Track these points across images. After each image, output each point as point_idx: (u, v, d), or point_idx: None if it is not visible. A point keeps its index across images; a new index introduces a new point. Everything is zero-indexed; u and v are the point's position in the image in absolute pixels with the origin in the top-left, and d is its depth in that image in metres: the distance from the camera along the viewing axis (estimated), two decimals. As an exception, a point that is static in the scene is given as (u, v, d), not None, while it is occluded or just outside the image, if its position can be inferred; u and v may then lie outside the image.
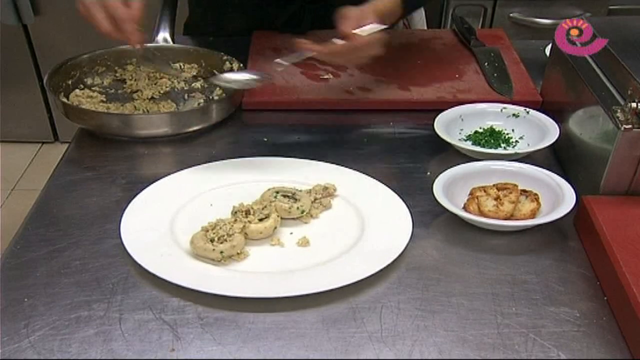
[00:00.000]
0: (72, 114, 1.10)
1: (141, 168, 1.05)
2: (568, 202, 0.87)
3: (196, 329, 0.73)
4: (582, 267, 0.83)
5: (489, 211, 0.88)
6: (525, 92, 1.18)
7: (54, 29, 2.60)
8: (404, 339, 0.72)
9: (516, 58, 1.30)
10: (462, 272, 0.82)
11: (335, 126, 1.14)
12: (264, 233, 0.85)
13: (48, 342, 0.72)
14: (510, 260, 0.84)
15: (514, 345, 0.72)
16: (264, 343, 0.72)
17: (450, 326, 0.74)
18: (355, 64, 1.21)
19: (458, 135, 1.07)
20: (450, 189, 0.91)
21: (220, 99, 1.16)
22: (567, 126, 1.02)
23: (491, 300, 0.78)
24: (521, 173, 0.94)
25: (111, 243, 0.86)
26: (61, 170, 1.02)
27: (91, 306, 0.76)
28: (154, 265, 0.79)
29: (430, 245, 0.86)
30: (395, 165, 1.03)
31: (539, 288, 0.79)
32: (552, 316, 0.75)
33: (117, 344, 0.72)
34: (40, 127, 2.88)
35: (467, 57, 1.32)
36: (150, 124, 1.08)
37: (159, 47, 1.26)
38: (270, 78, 1.12)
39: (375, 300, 0.77)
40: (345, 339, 0.72)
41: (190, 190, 0.95)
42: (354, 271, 0.79)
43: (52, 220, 0.91)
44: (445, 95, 1.18)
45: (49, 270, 0.82)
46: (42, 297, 0.78)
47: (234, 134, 1.12)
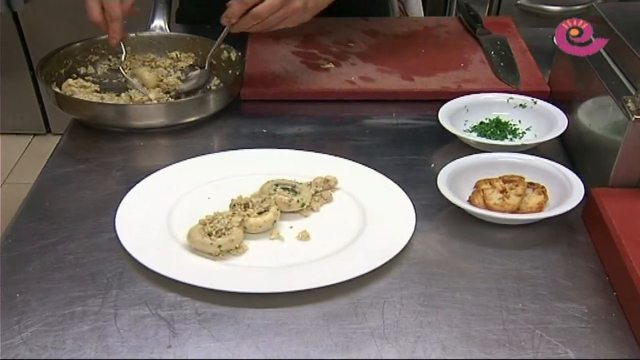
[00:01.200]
0: (65, 104, 1.10)
1: (137, 160, 1.05)
2: (576, 195, 0.87)
3: (193, 325, 0.74)
4: (591, 262, 0.83)
5: (494, 204, 0.88)
6: (532, 81, 1.19)
7: (45, 16, 2.60)
8: (407, 335, 0.73)
9: (523, 46, 1.30)
10: (466, 266, 0.82)
11: (336, 117, 1.15)
12: (263, 227, 0.86)
13: (41, 339, 0.72)
14: (517, 254, 0.84)
15: (520, 341, 0.72)
16: (263, 339, 0.72)
17: (455, 322, 0.74)
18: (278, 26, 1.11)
19: (463, 127, 1.08)
20: (455, 182, 0.91)
21: (218, 89, 1.16)
22: (576, 117, 1.02)
23: (496, 295, 0.78)
24: (528, 165, 0.95)
25: (106, 237, 0.86)
26: (54, 163, 1.03)
27: (85, 302, 0.77)
28: (150, 260, 0.80)
29: (434, 239, 0.87)
30: (398, 157, 1.03)
31: (546, 283, 0.80)
32: (560, 312, 0.76)
33: (112, 340, 0.72)
34: (32, 119, 2.88)
35: (473, 46, 1.32)
36: (147, 114, 1.08)
37: (154, 36, 1.26)
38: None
39: (377, 295, 0.78)
40: (347, 335, 0.73)
41: (188, 183, 0.95)
42: (355, 266, 0.79)
43: (45, 213, 0.91)
44: (449, 85, 1.18)
45: (42, 265, 0.82)
46: (35, 292, 0.78)
47: (232, 125, 1.13)
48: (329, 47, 1.32)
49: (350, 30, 1.39)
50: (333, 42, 1.34)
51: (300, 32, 1.36)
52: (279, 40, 1.33)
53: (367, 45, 1.33)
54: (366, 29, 1.39)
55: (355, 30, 1.38)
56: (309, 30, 1.37)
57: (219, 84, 1.20)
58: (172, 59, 1.26)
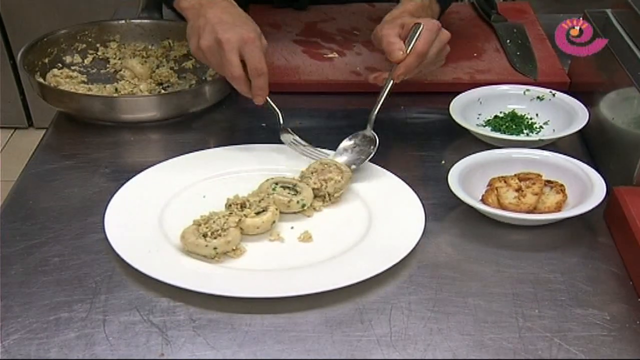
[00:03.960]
0: (50, 96, 1.10)
1: (127, 156, 1.05)
2: (597, 194, 0.87)
3: (188, 332, 0.74)
4: (613, 265, 0.83)
5: (509, 204, 0.88)
6: (551, 72, 1.19)
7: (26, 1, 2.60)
8: (416, 343, 0.73)
9: (542, 34, 1.30)
10: (479, 270, 0.83)
11: (340, 110, 1.15)
12: (261, 228, 0.86)
13: (24, 347, 0.72)
14: (533, 257, 0.85)
15: (537, 350, 0.72)
16: (262, 347, 0.73)
17: (467, 329, 0.75)
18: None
19: (476, 121, 1.08)
20: (467, 180, 0.92)
21: (213, 80, 1.16)
22: (598, 110, 1.02)
23: (511, 301, 0.78)
24: (545, 162, 0.95)
25: (94, 238, 0.86)
26: (38, 159, 1.03)
27: (72, 307, 0.77)
28: (141, 262, 0.80)
29: (444, 240, 0.87)
30: (406, 153, 1.04)
31: (565, 288, 0.80)
32: (580, 319, 0.76)
33: (100, 348, 0.72)
34: (13, 111, 2.88)
35: (487, 34, 1.32)
36: (137, 107, 1.08)
37: (145, 23, 1.27)
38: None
39: (384, 300, 0.78)
40: (351, 343, 0.73)
41: (181, 181, 0.95)
42: (360, 269, 0.80)
43: (29, 213, 0.92)
44: (462, 76, 1.18)
45: (25, 268, 0.82)
46: (17, 297, 0.78)
47: (229, 118, 1.13)
48: (333, 36, 1.32)
49: (355, 17, 1.39)
50: (337, 30, 1.34)
51: (302, 19, 1.37)
52: (279, 28, 1.34)
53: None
54: (372, 16, 1.39)
55: (361, 17, 1.39)
56: (312, 18, 1.37)
57: (214, 75, 1.20)
58: (165, 48, 1.26)
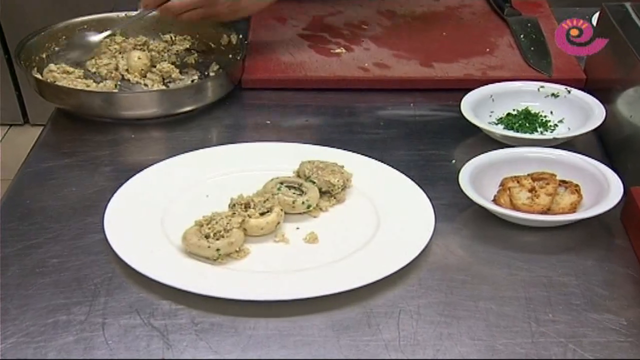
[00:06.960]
0: (47, 92, 1.11)
1: (127, 154, 1.06)
2: (614, 194, 0.87)
3: (190, 336, 0.75)
4: (630, 268, 0.84)
5: (522, 204, 0.89)
6: (566, 68, 1.19)
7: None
8: (425, 348, 0.73)
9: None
10: (491, 273, 0.83)
11: (348, 107, 1.15)
12: (266, 229, 0.86)
13: (21, 351, 0.73)
14: (547, 260, 0.85)
15: (551, 356, 0.73)
16: (266, 351, 0.73)
17: (478, 334, 0.75)
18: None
19: (488, 118, 1.08)
20: (479, 179, 0.92)
21: (216, 75, 1.17)
22: (615, 107, 1.02)
23: (524, 305, 0.79)
24: (560, 161, 0.95)
25: (94, 238, 0.87)
26: (35, 157, 1.04)
27: (70, 310, 0.77)
28: (142, 264, 0.81)
29: (455, 242, 0.88)
30: (415, 152, 1.04)
31: (580, 292, 0.80)
32: (595, 324, 0.76)
33: (99, 352, 0.73)
34: (8, 108, 2.89)
35: (500, 28, 1.33)
36: (137, 103, 1.09)
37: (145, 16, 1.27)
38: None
39: (392, 304, 0.79)
40: (358, 348, 0.73)
41: (183, 180, 0.96)
42: (368, 271, 0.80)
43: (26, 212, 0.92)
44: (473, 72, 1.19)
45: (22, 269, 0.83)
46: (14, 299, 0.79)
47: (233, 115, 1.13)
48: (340, 30, 1.32)
49: (363, 10, 1.39)
50: (345, 24, 1.34)
51: (309, 12, 1.37)
52: (285, 22, 1.34)
53: (383, 27, 1.34)
54: (381, 9, 1.40)
55: (370, 10, 1.39)
56: (318, 11, 1.38)
57: (218, 70, 1.20)
58: (166, 42, 1.27)
